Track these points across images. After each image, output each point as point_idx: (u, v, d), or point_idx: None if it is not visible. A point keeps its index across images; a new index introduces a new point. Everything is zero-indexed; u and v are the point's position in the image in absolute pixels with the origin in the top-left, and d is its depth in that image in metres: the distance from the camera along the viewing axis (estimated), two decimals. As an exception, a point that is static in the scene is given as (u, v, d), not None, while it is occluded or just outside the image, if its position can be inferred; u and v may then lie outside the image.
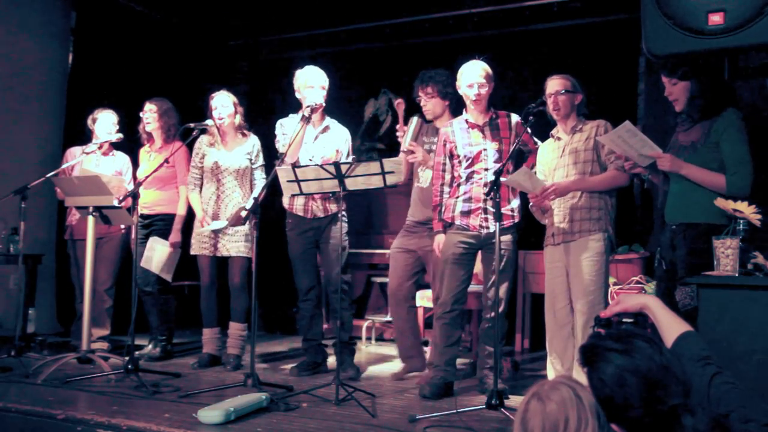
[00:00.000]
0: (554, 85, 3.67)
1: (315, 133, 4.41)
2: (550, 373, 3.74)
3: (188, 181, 4.70)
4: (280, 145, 4.34)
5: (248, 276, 4.47)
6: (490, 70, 3.94)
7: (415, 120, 4.19)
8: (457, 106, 4.30)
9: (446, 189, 4.01)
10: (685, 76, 3.23)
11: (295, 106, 4.49)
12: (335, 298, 4.32)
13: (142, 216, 4.86)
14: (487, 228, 3.85)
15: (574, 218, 3.62)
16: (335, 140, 4.45)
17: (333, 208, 4.36)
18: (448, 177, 4.01)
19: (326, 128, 4.45)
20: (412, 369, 4.39)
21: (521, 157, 4.12)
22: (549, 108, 3.67)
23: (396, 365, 4.68)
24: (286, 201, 4.42)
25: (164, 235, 4.76)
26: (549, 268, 3.73)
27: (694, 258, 3.06)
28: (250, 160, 4.61)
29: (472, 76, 3.90)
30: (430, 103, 4.27)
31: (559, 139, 3.74)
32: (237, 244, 4.53)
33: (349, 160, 4.45)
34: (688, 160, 3.16)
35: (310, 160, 4.31)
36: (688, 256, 3.11)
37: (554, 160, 3.73)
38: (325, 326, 5.19)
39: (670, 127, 3.54)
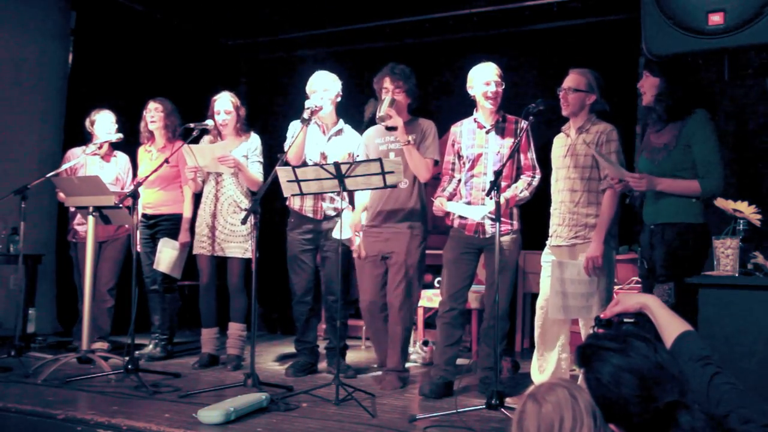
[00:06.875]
0: (568, 80, 3.67)
1: (328, 135, 4.41)
2: (534, 373, 3.73)
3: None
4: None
5: (246, 277, 4.46)
6: (501, 71, 3.97)
7: (388, 97, 4.08)
8: (416, 108, 4.29)
9: (454, 182, 4.03)
10: (656, 73, 3.25)
11: (295, 106, 4.48)
12: (332, 302, 4.32)
13: (146, 216, 4.86)
14: (484, 233, 3.88)
15: (572, 223, 3.63)
16: (348, 144, 4.44)
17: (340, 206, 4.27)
18: (457, 176, 4.05)
19: (340, 131, 4.45)
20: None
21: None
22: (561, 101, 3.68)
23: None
24: (296, 202, 4.40)
25: (171, 235, 4.77)
26: (546, 267, 3.73)
27: (671, 256, 3.13)
28: (246, 157, 4.60)
29: (489, 74, 3.93)
30: (399, 97, 4.18)
31: (567, 136, 3.73)
32: (234, 245, 4.53)
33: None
34: (661, 163, 3.21)
35: (324, 158, 4.31)
36: (665, 255, 3.16)
37: (559, 158, 3.73)
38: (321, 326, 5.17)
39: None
